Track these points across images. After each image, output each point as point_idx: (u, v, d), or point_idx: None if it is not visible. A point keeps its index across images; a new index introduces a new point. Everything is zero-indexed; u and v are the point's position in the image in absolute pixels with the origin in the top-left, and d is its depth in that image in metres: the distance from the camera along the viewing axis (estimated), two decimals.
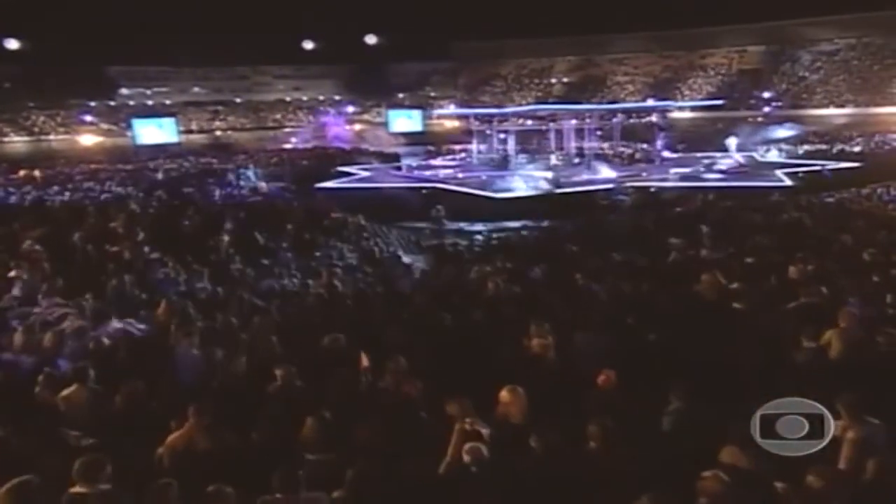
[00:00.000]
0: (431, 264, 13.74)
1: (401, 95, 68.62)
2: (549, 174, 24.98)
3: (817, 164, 25.40)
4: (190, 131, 58.11)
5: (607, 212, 18.05)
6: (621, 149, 30.69)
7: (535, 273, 10.59)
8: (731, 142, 28.09)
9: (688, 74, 64.32)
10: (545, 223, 18.34)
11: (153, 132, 51.26)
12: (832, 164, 26.24)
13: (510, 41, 68.32)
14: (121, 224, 16.19)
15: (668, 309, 8.12)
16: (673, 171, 25.34)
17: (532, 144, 31.23)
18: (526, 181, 23.95)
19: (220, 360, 6.91)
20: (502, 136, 31.21)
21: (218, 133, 59.90)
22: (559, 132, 30.30)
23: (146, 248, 13.18)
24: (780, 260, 9.99)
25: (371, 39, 64.48)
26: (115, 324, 7.92)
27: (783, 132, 36.08)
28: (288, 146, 51.96)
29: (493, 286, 9.34)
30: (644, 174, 24.64)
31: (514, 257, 12.46)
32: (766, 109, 45.03)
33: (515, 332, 7.10)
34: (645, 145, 30.66)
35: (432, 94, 71.18)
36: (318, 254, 15.32)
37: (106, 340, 7.66)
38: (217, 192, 24.93)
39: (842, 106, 51.54)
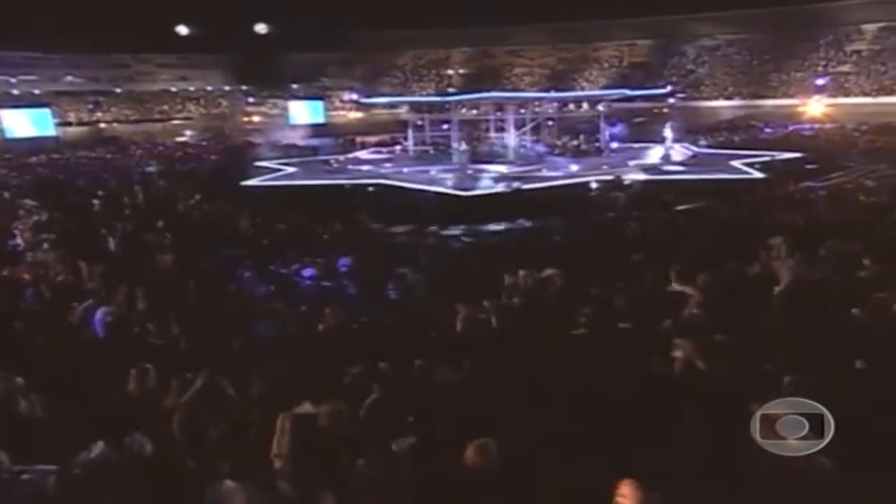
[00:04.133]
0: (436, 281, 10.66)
1: (295, 86, 63.94)
2: (504, 168, 22.57)
3: (766, 155, 24.47)
4: (68, 123, 50.71)
5: (603, 210, 15.68)
6: (564, 139, 28.71)
7: (617, 300, 7.82)
8: (668, 133, 26.82)
9: (583, 66, 64.21)
10: (530, 224, 15.75)
11: (24, 124, 43.68)
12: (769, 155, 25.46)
13: (406, 32, 65.31)
14: (24, 239, 12.50)
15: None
16: (632, 162, 23.65)
17: (475, 135, 28.48)
18: (483, 176, 21.31)
19: None
20: (445, 126, 28.51)
21: (102, 125, 52.80)
22: (502, 122, 27.88)
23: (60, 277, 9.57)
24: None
25: (262, 29, 59.63)
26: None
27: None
28: (182, 139, 46.55)
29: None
30: (605, 166, 22.70)
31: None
32: (671, 101, 44.96)
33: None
34: (582, 136, 28.82)
35: (328, 84, 66.92)
36: (283, 271, 11.99)
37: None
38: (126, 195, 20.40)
39: (730, 98, 52.81)
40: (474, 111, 29.33)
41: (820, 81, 48.57)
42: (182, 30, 55.48)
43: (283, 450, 3.86)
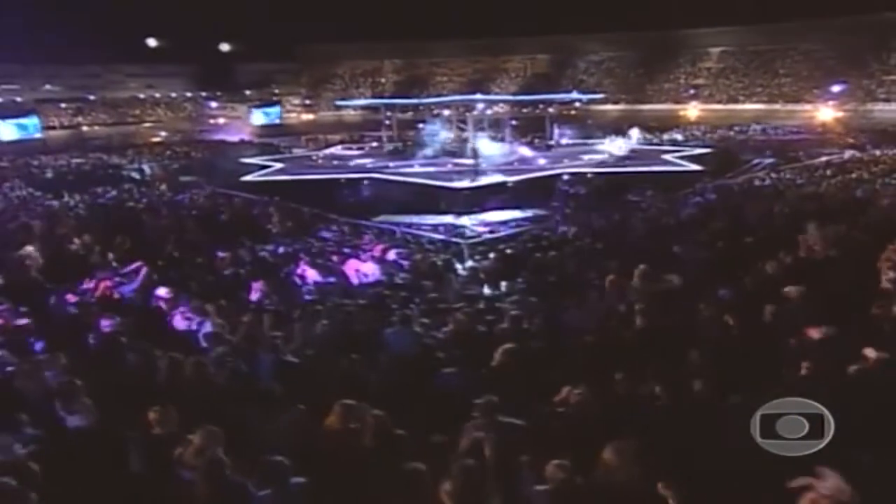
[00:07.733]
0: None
1: (248, 92, 61.63)
2: (480, 161, 22.89)
3: (685, 149, 26.02)
4: (52, 128, 48.13)
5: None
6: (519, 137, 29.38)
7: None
8: (634, 132, 28.27)
9: (494, 76, 65.25)
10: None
11: (8, 130, 39.58)
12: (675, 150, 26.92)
13: (344, 45, 64.28)
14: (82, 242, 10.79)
15: None
16: (586, 157, 24.59)
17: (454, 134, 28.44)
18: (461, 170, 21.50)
19: None
20: (421, 125, 28.43)
21: (84, 129, 49.39)
22: (464, 121, 28.10)
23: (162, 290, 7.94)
24: None
25: (224, 47, 59.71)
26: None
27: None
28: (158, 139, 43.85)
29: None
30: (566, 160, 23.51)
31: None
32: (578, 105, 46.63)
33: None
34: (531, 134, 29.54)
35: (277, 91, 64.82)
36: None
37: None
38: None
39: (617, 103, 55.33)
40: (446, 111, 29.40)
41: (692, 91, 52.10)
42: (151, 42, 52.49)
43: None
